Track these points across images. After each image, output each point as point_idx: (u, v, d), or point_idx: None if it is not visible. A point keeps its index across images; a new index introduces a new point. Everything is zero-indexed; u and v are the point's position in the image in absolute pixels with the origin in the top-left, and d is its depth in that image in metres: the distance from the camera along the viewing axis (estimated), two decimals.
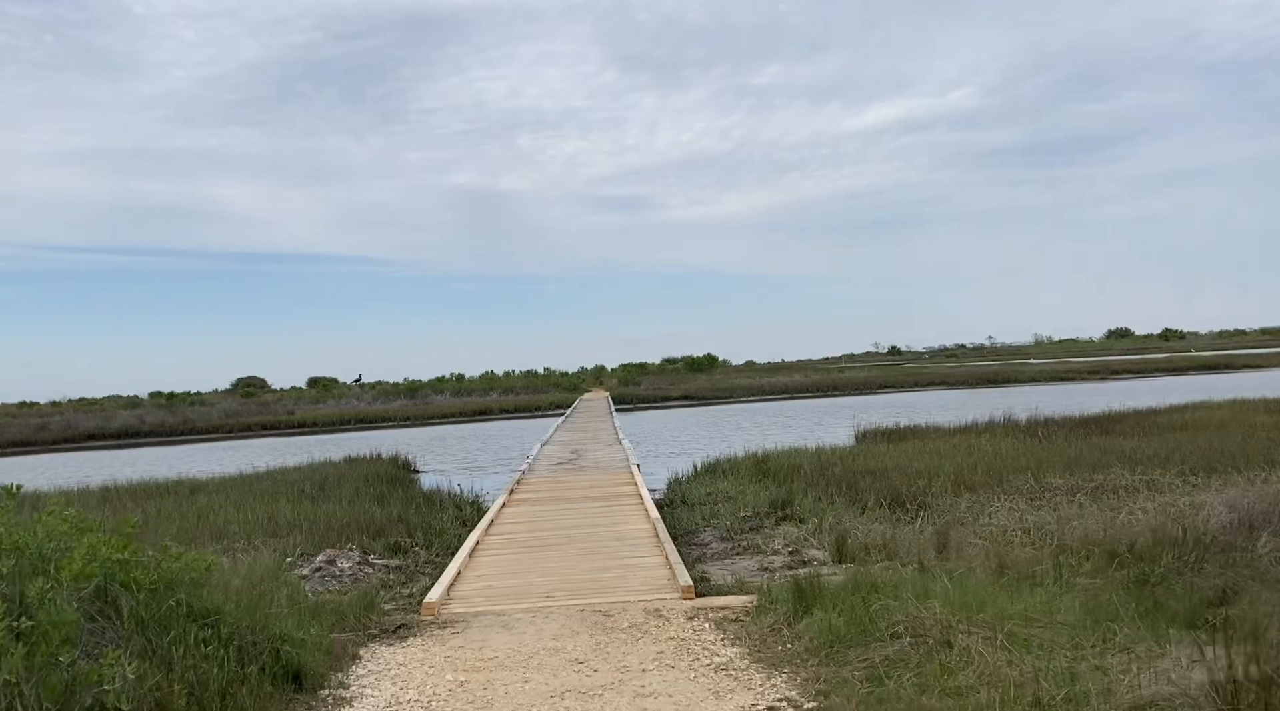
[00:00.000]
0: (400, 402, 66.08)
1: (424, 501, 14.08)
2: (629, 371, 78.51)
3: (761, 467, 15.29)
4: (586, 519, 11.33)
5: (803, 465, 14.50)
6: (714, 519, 11.83)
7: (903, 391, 59.93)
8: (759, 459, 15.96)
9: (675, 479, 16.35)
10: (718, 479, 15.42)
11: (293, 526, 11.39)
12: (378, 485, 15.76)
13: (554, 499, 13.33)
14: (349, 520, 11.63)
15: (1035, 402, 35.48)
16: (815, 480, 13.10)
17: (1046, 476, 12.12)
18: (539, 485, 15.10)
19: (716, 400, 59.34)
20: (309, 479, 16.16)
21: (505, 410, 57.14)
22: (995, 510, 10.15)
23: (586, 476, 15.97)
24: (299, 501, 13.34)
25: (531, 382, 75.76)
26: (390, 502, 13.53)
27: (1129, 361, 71.83)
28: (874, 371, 75.39)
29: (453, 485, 18.67)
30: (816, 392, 60.99)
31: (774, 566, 8.75)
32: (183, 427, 54.76)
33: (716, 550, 10.12)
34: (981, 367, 74.02)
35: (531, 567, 8.76)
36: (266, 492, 14.51)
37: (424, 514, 12.96)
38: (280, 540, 10.54)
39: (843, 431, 28.38)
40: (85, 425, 54.77)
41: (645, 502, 12.11)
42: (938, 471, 12.74)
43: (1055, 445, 15.43)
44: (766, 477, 14.57)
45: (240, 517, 12.03)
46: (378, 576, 8.97)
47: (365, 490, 14.55)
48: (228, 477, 18.15)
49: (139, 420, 55.88)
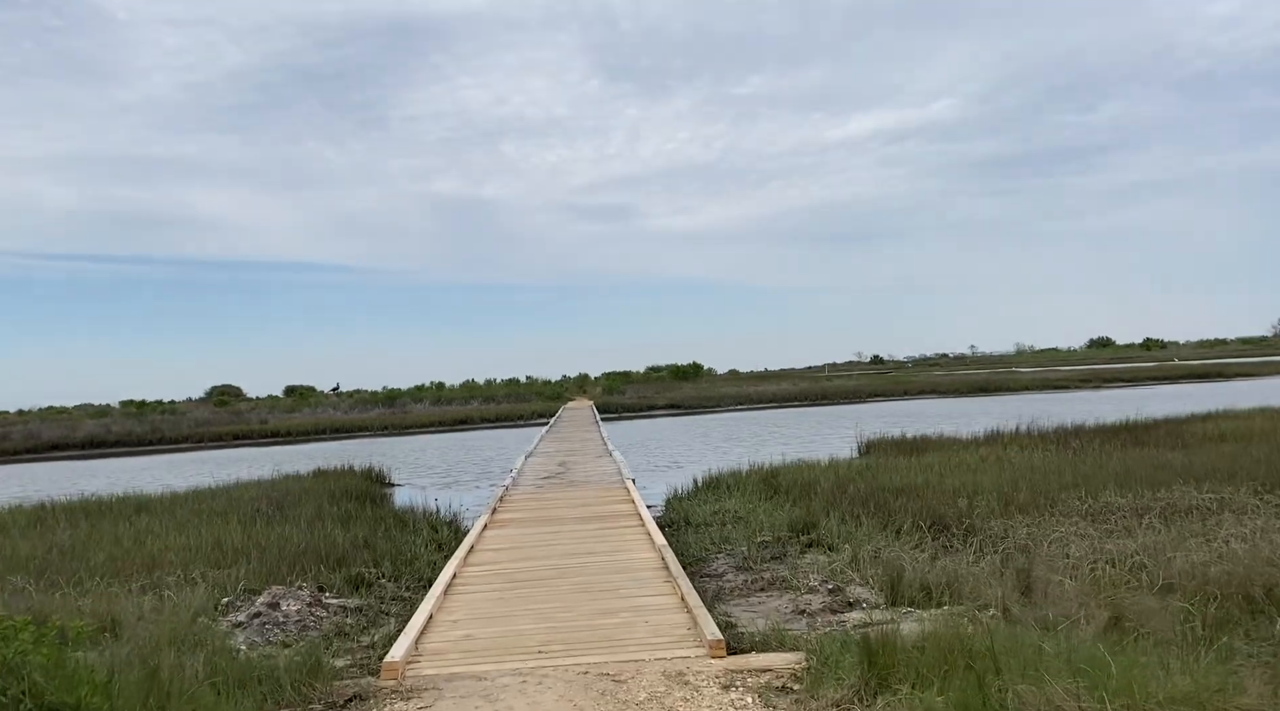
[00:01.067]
0: (378, 412, 64.25)
1: (395, 522, 12.51)
2: (613, 380, 76.93)
3: (771, 483, 13.82)
4: (581, 544, 9.81)
5: (818, 481, 13.03)
6: (726, 544, 10.34)
7: (893, 400, 58.77)
8: (767, 474, 14.48)
9: (675, 495, 14.85)
10: (722, 496, 13.93)
11: (240, 554, 9.80)
12: (344, 503, 14.17)
13: (542, 519, 11.80)
14: (306, 546, 10.04)
15: (1039, 411, 34.27)
16: (836, 499, 11.63)
17: (1100, 494, 10.71)
18: (525, 503, 13.56)
19: (703, 409, 57.97)
20: (268, 495, 14.53)
21: (487, 419, 55.48)
22: (1061, 536, 8.70)
23: (577, 492, 14.44)
24: (252, 523, 11.73)
25: (514, 391, 74.10)
26: (356, 524, 11.96)
27: (1119, 370, 71.10)
28: (862, 380, 74.23)
29: (429, 502, 17.11)
30: (805, 401, 59.72)
31: (812, 607, 7.26)
32: (151, 437, 52.76)
33: (735, 584, 8.62)
34: (970, 376, 73.03)
35: (519, 610, 7.23)
36: (218, 512, 12.89)
37: (394, 538, 11.40)
38: (223, 572, 8.96)
39: (843, 442, 26.97)
40: (49, 435, 52.63)
41: (646, 524, 10.60)
42: (977, 488, 11.29)
43: (1091, 457, 14.05)
44: (778, 495, 13.11)
45: (181, 543, 10.42)
46: (332, 621, 7.40)
47: (329, 509, 12.96)
48: (180, 493, 16.47)
49: (105, 430, 53.79)
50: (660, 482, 19.17)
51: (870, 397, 60.75)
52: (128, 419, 59.63)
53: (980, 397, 57.65)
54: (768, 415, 47.85)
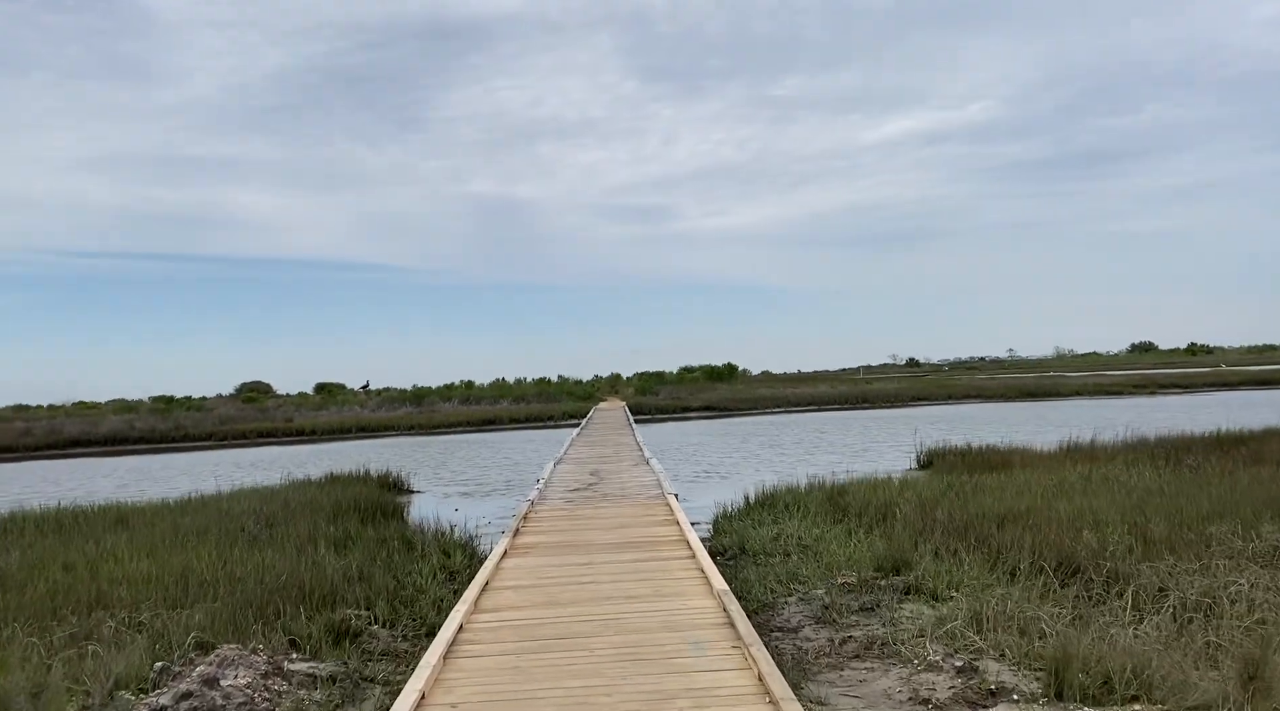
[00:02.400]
0: (405, 410, 62.93)
1: (400, 544, 10.75)
2: (646, 380, 75.09)
3: (837, 503, 11.92)
4: (619, 584, 7.97)
5: (895, 503, 11.09)
6: (796, 583, 8.46)
7: (936, 404, 56.51)
8: (832, 492, 12.56)
9: (723, 513, 12.98)
10: (780, 516, 12.05)
11: (206, 589, 8.07)
12: (347, 519, 12.47)
13: (572, 545, 9.98)
14: (288, 579, 8.29)
15: (1101, 419, 31.98)
16: (924, 528, 9.70)
17: (1257, 526, 8.70)
18: (551, 521, 11.77)
19: (739, 411, 56.05)
20: (260, 510, 12.84)
21: (515, 420, 53.88)
22: (1241, 588, 6.73)
23: (611, 509, 12.62)
24: (232, 546, 10.03)
25: (544, 391, 72.47)
26: (354, 548, 10.23)
27: (1173, 375, 68.07)
28: (903, 383, 71.77)
29: (447, 514, 15.41)
30: (845, 405, 57.61)
31: (938, 695, 5.37)
32: (174, 434, 51.80)
33: (818, 644, 6.75)
34: (1016, 380, 70.38)
35: (541, 688, 5.41)
36: (199, 529, 11.21)
37: (397, 565, 9.65)
38: (179, 614, 7.23)
39: (898, 452, 24.96)
40: (71, 431, 51.77)
41: (698, 556, 8.73)
42: (1098, 518, 9.30)
43: (1214, 478, 11.98)
44: (847, 518, 11.21)
45: (141, 572, 8.72)
46: (292, 697, 5.62)
47: (325, 529, 11.23)
48: (170, 503, 14.83)
49: (128, 426, 52.85)
50: (701, 495, 17.32)
51: (913, 401, 58.51)
52: (152, 415, 58.72)
53: (1028, 403, 55.24)
54: (807, 419, 45.81)
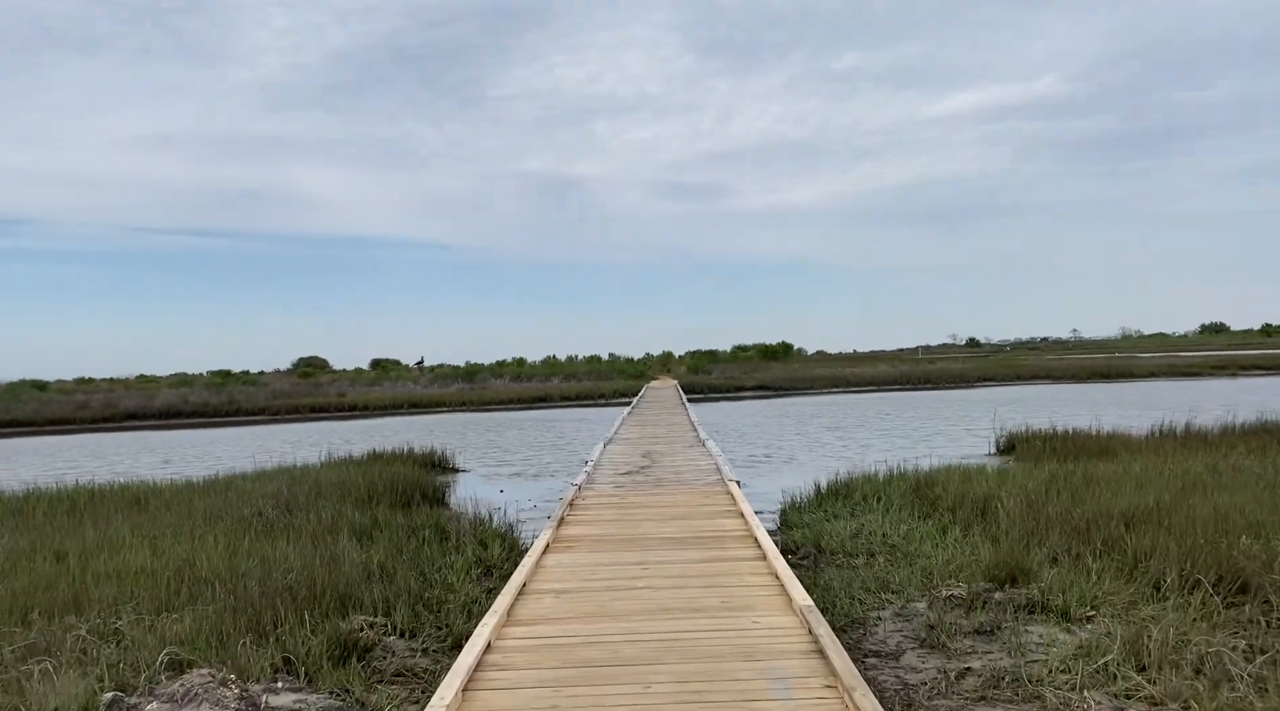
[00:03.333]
0: (457, 387, 62.49)
1: (433, 533, 9.62)
2: (698, 359, 73.68)
3: (924, 496, 10.52)
4: (679, 591, 6.73)
5: (995, 497, 9.65)
6: (888, 593, 7.14)
7: (1003, 385, 54.27)
8: (918, 483, 11.14)
9: (791, 504, 11.66)
10: (858, 509, 10.70)
11: (202, 588, 7.01)
12: (382, 500, 11.43)
13: (622, 539, 8.77)
14: (298, 575, 7.20)
15: (1193, 401, 29.83)
16: (1035, 527, 8.28)
17: None
18: (600, 508, 10.57)
19: (795, 391, 54.39)
20: (292, 488, 11.85)
21: (566, 398, 52.93)
22: None
23: (666, 496, 11.39)
24: (244, 534, 9.00)
25: (595, 369, 71.45)
26: (381, 537, 9.13)
27: (1255, 356, 64.58)
28: (967, 363, 69.34)
29: (489, 497, 14.35)
30: (906, 385, 55.60)
31: None
32: (227, 408, 51.86)
33: (926, 675, 5.44)
34: (1087, 361, 67.56)
35: None
36: (214, 513, 10.22)
37: (427, 557, 8.53)
38: (163, 620, 6.17)
39: (972, 436, 23.32)
40: (126, 404, 52.14)
41: (769, 556, 7.45)
42: (1250, 519, 7.78)
43: None
44: (938, 512, 9.81)
45: (135, 565, 7.70)
46: None
47: (352, 514, 10.14)
48: (194, 483, 13.94)
49: (182, 400, 53.09)
50: (762, 480, 16.01)
51: (978, 382, 56.32)
52: (207, 390, 59.01)
53: (1101, 384, 52.78)
54: (867, 400, 44.07)
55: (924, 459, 17.57)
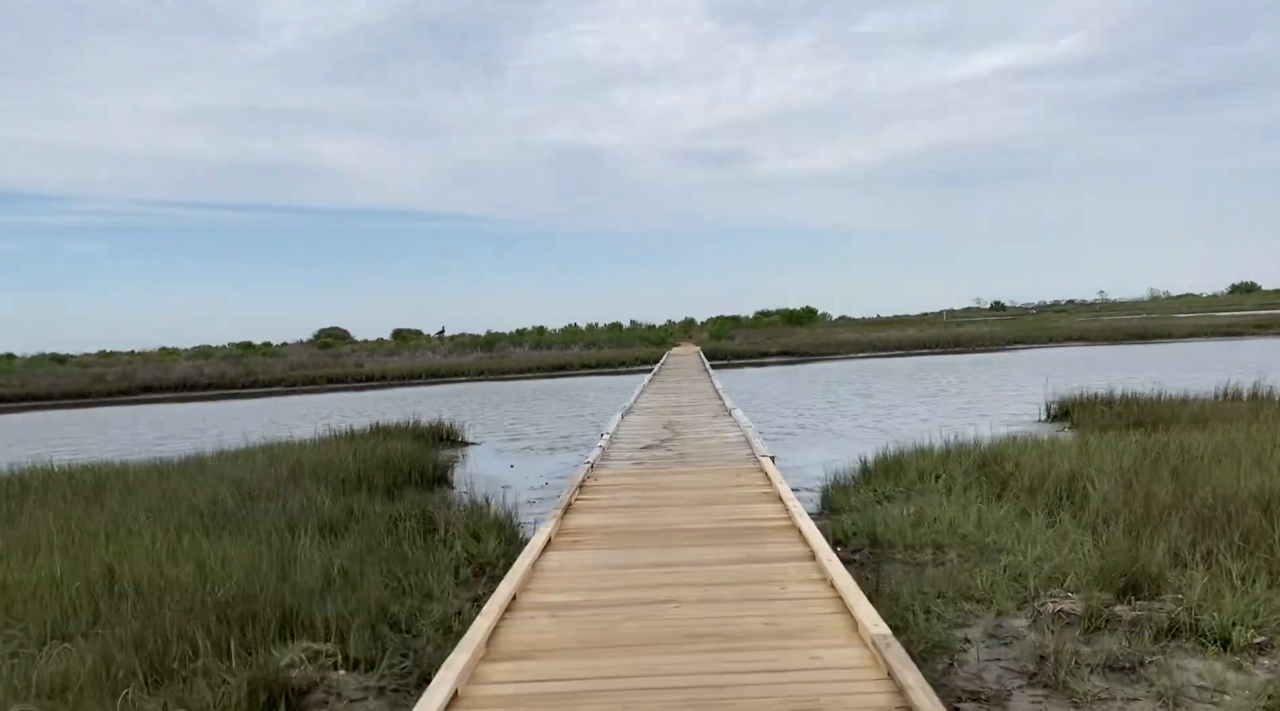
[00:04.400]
0: (476, 356, 61.31)
1: (418, 524, 8.26)
2: (721, 325, 72.07)
3: (992, 474, 9.03)
4: (708, 603, 5.35)
5: (1082, 475, 8.13)
6: (971, 602, 5.70)
7: (1036, 347, 52.37)
8: (982, 458, 9.62)
9: (835, 483, 10.20)
10: (913, 489, 9.24)
11: (117, 603, 5.68)
12: (372, 482, 10.11)
13: (639, 531, 7.38)
14: (238, 585, 5.84)
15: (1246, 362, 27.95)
16: (1143, 514, 6.79)
17: None
18: (614, 492, 9.19)
19: (820, 356, 52.72)
20: (267, 469, 10.53)
21: (586, 365, 51.58)
22: None
23: (691, 475, 9.98)
24: (192, 529, 7.67)
25: (616, 336, 70.03)
26: (356, 528, 7.78)
27: None
28: (997, 326, 67.29)
29: (498, 473, 13.06)
30: (935, 349, 53.74)
31: None
32: (244, 380, 51.00)
33: None
34: (1123, 322, 65.29)
35: None
36: (170, 499, 8.92)
37: (406, 557, 7.17)
38: (46, 653, 4.84)
39: (1017, 403, 21.72)
40: (143, 377, 51.36)
41: (820, 557, 6.03)
42: None
43: None
44: (1010, 494, 8.33)
45: (44, 573, 6.37)
46: None
47: (326, 501, 8.79)
48: (166, 464, 12.68)
49: (198, 372, 52.25)
50: (796, 453, 14.57)
51: (1009, 345, 54.43)
52: (225, 361, 58.18)
53: (1138, 345, 50.77)
54: (895, 365, 42.36)
55: (970, 427, 16.07)
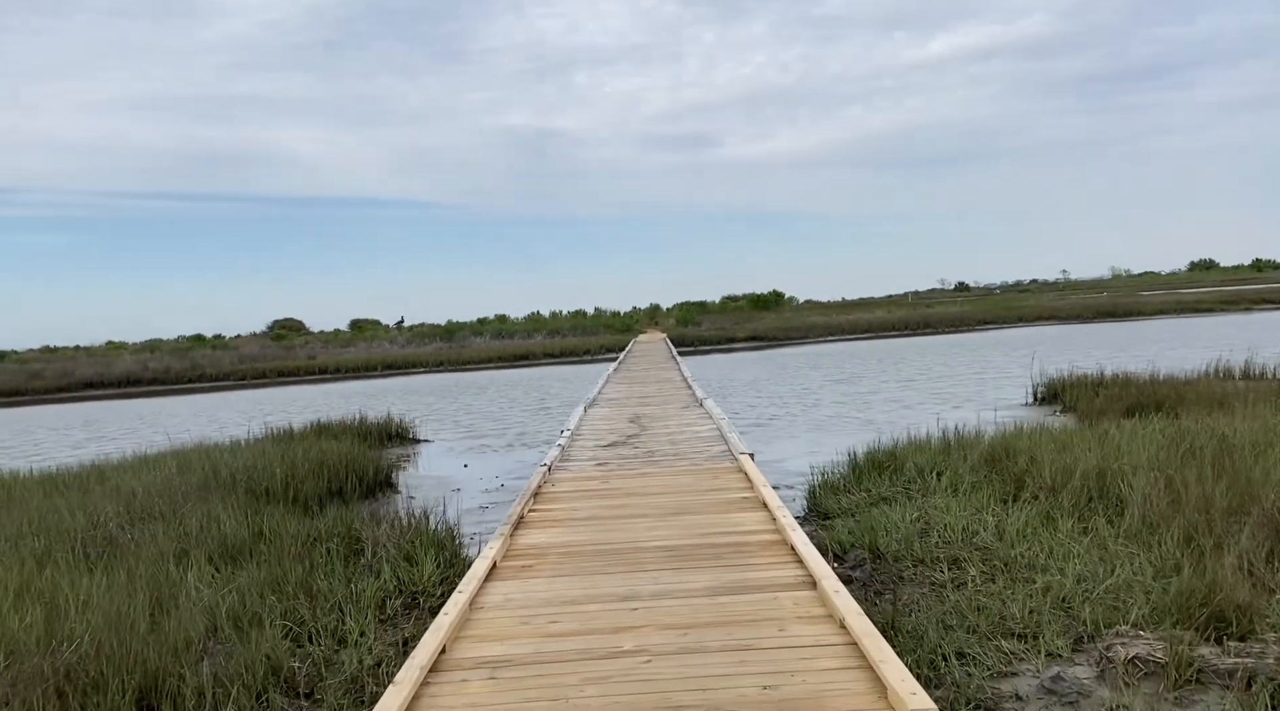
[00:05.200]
0: (435, 346, 59.66)
1: (342, 544, 6.97)
2: (687, 310, 70.95)
3: (1004, 469, 7.92)
4: (688, 656, 4.15)
5: (1115, 473, 7.04)
6: (1011, 639, 4.56)
7: (1008, 327, 51.97)
8: (990, 452, 8.50)
9: (822, 480, 9.06)
10: (912, 487, 8.10)
11: None
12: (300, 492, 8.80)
13: (603, 551, 6.17)
14: (94, 640, 4.56)
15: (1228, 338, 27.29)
16: (1204, 519, 5.70)
17: None
18: (574, 500, 7.97)
19: (789, 341, 51.82)
20: (177, 478, 9.19)
21: (550, 354, 50.24)
22: None
23: (661, 477, 8.79)
24: (65, 558, 6.35)
25: (580, 324, 68.70)
26: (268, 548, 6.49)
27: (1264, 291, 62.25)
28: (966, 306, 66.91)
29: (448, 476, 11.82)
30: (905, 331, 53.12)
31: None
32: (190, 375, 48.99)
33: None
34: (1093, 300, 65.17)
35: None
36: (43, 520, 7.54)
37: (323, 587, 5.90)
38: None
39: (1000, 385, 20.81)
40: (83, 373, 49.15)
41: (822, 584, 4.84)
42: None
43: None
44: (1027, 493, 7.23)
45: None
46: None
47: (239, 514, 7.48)
48: (57, 474, 11.21)
49: (142, 367, 50.06)
50: (773, 446, 13.45)
51: (980, 325, 53.96)
52: (171, 356, 56.01)
53: (1109, 323, 50.50)
54: (866, 347, 41.52)
55: (955, 411, 15.07)
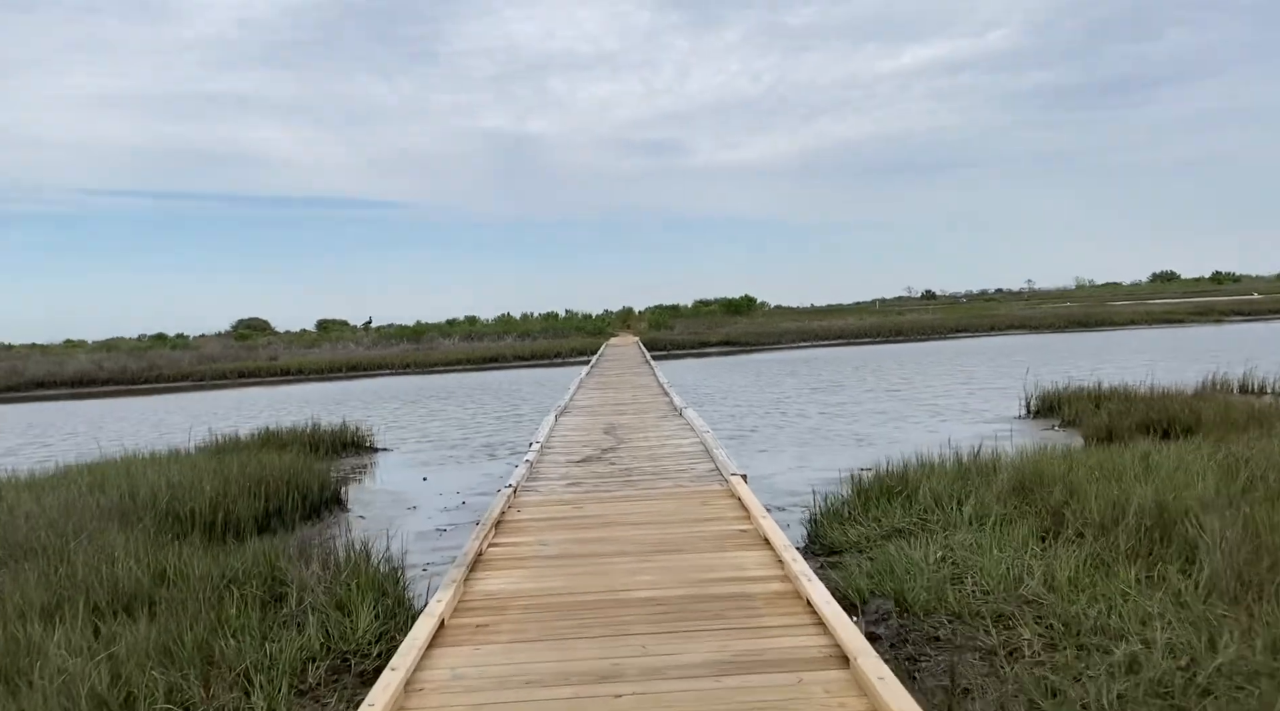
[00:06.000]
0: (402, 348, 58.16)
1: (263, 587, 5.85)
2: (660, 314, 69.99)
3: (1037, 502, 6.96)
4: None
5: (1174, 507, 6.11)
6: None
7: (981, 336, 51.52)
8: (1019, 478, 7.53)
9: (827, 508, 8.06)
10: (931, 519, 7.13)
11: None
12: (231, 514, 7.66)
13: (573, 605, 5.14)
14: None
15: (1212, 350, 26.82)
16: None
17: None
18: (541, 531, 6.92)
19: (763, 346, 51.05)
20: (87, 498, 8.02)
21: (520, 357, 49.00)
22: None
23: (641, 502, 7.78)
24: None
25: (551, 326, 67.48)
26: (169, 592, 5.38)
27: (1235, 303, 62.45)
28: (937, 314, 66.53)
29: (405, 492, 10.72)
30: (878, 338, 52.48)
31: None
32: (146, 375, 47.18)
33: None
34: (1064, 310, 65.13)
35: None
36: None
37: (229, 649, 4.80)
38: None
39: (987, 395, 20.01)
40: (34, 372, 47.19)
41: (857, 659, 3.86)
42: None
43: None
44: (1065, 531, 6.28)
45: None
46: None
47: (142, 547, 6.34)
48: None
49: (96, 367, 48.19)
50: (759, 461, 12.45)
51: (952, 333, 53.47)
52: (128, 355, 54.10)
53: (1078, 332, 50.32)
54: (840, 355, 40.76)
55: (944, 424, 14.17)
